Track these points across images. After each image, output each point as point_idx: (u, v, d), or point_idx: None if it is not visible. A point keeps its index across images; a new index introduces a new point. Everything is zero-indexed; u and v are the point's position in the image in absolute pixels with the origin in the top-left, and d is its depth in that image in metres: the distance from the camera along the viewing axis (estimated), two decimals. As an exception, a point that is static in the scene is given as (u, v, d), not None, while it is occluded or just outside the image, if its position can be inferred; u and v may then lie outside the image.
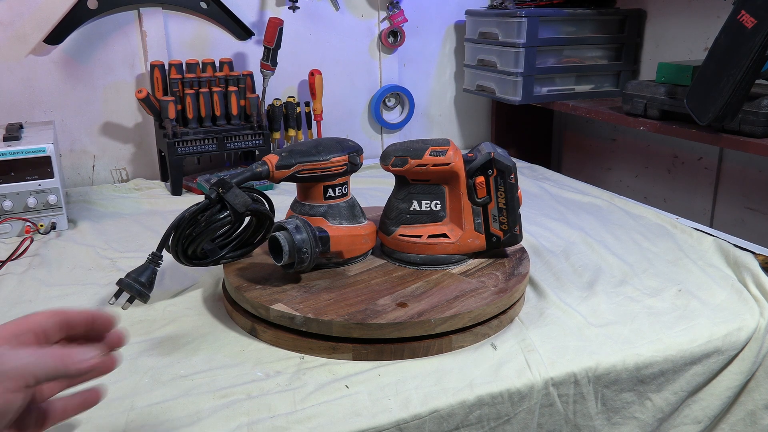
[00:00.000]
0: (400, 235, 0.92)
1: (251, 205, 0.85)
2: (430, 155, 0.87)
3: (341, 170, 0.89)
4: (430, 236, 0.91)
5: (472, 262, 0.94)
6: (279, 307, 0.80)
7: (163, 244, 0.85)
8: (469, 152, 0.94)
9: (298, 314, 0.78)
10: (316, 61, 1.71)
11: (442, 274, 0.90)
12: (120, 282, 0.85)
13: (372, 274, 0.90)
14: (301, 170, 0.87)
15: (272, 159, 0.87)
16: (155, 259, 0.87)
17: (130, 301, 0.85)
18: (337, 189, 0.91)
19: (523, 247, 1.00)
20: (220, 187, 0.83)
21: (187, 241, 0.84)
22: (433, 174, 0.89)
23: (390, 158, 0.89)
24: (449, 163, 0.88)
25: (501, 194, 0.91)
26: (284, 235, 0.82)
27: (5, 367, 0.51)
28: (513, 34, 1.62)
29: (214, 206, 0.84)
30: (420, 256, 0.92)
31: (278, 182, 0.88)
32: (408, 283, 0.87)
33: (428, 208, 0.91)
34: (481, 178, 0.89)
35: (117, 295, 0.85)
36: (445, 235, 0.91)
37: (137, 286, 0.85)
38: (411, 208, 0.91)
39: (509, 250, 0.98)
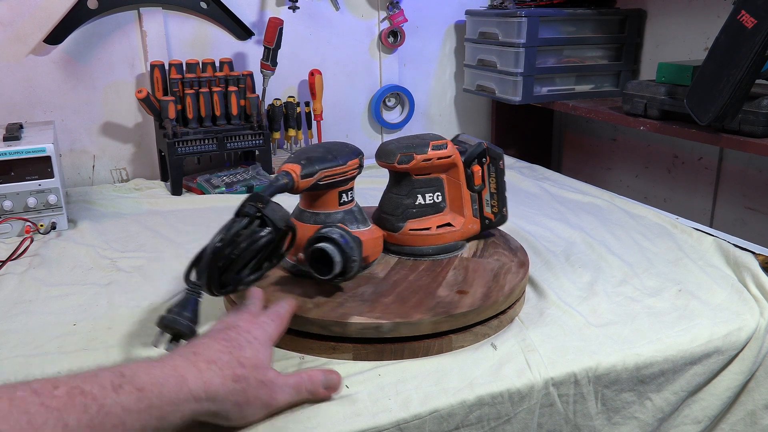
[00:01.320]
0: (410, 229, 0.93)
1: (289, 220, 0.78)
2: (433, 150, 0.91)
3: (354, 174, 0.89)
4: (438, 227, 0.94)
5: (471, 246, 0.98)
6: (356, 320, 0.77)
7: (203, 272, 0.71)
8: None
9: (385, 321, 0.76)
10: (316, 61, 1.72)
11: (458, 260, 0.93)
12: (162, 320, 0.71)
13: (400, 272, 0.90)
14: (323, 177, 0.84)
15: (294, 168, 0.80)
16: (195, 288, 0.73)
17: (176, 339, 0.72)
18: (348, 194, 0.89)
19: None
20: (259, 202, 0.74)
21: (227, 264, 0.73)
22: (436, 167, 0.92)
23: (395, 155, 0.90)
24: (450, 156, 0.92)
25: (493, 180, 0.97)
26: (332, 246, 0.78)
27: (276, 401, 0.65)
28: (513, 34, 1.62)
29: (252, 223, 0.74)
30: (432, 246, 0.94)
31: (300, 192, 0.83)
32: (442, 273, 0.89)
33: (432, 201, 0.94)
34: (477, 167, 0.94)
35: (163, 339, 0.72)
36: (450, 224, 0.95)
37: (183, 321, 0.71)
38: (416, 203, 0.94)
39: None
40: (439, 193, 0.94)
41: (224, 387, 0.59)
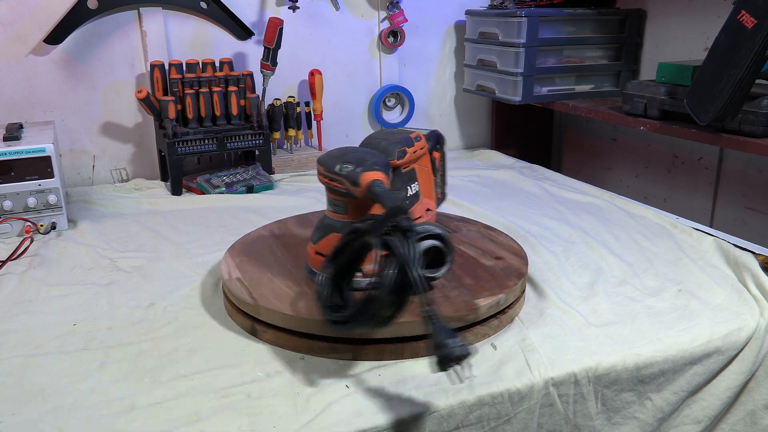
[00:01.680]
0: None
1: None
2: (416, 141, 0.96)
3: None
4: (425, 212, 0.99)
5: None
6: (482, 302, 0.82)
7: (423, 288, 0.64)
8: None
9: (500, 295, 0.83)
10: (316, 61, 1.71)
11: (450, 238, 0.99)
12: (449, 355, 0.63)
13: None
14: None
15: (381, 176, 0.78)
16: (432, 306, 0.65)
17: (459, 362, 0.64)
18: None
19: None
20: (406, 213, 0.68)
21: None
22: (417, 159, 0.97)
23: (394, 152, 0.91)
24: (425, 146, 0.98)
25: (440, 163, 1.04)
26: (439, 242, 0.76)
27: None
28: (513, 34, 1.62)
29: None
30: None
31: None
32: (456, 251, 0.94)
33: (415, 191, 0.97)
34: (437, 153, 1.02)
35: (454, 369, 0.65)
36: (429, 209, 1.00)
37: (460, 344, 0.63)
38: (408, 195, 0.97)
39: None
40: (416, 182, 0.98)
41: None
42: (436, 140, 1.01)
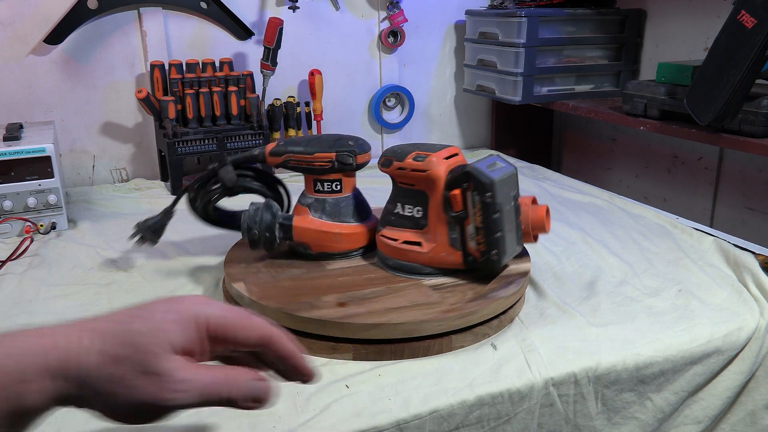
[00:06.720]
0: (381, 235, 0.91)
1: (238, 182, 0.98)
2: (412, 159, 0.85)
3: (327, 166, 0.92)
4: (404, 242, 0.88)
5: (449, 279, 0.89)
6: (239, 286, 0.87)
7: (175, 202, 1.02)
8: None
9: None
10: (316, 61, 1.71)
11: (411, 284, 0.87)
12: (137, 226, 1.02)
13: (346, 271, 0.91)
14: (290, 159, 0.94)
15: (270, 146, 0.96)
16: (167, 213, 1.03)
17: (140, 242, 1.02)
18: (326, 184, 0.94)
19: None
20: (217, 163, 0.98)
21: (196, 198, 1.00)
22: (413, 179, 0.86)
23: (381, 158, 0.90)
24: (426, 170, 0.84)
25: (478, 212, 0.83)
26: (245, 214, 0.93)
27: (164, 402, 0.45)
28: (513, 34, 1.62)
29: (211, 179, 0.99)
30: (394, 260, 0.90)
31: (274, 167, 0.97)
32: (369, 286, 0.86)
33: (410, 214, 0.88)
34: (456, 191, 0.83)
35: (133, 236, 1.02)
36: (419, 244, 0.87)
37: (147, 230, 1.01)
38: (395, 211, 0.89)
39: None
40: (420, 209, 0.87)
41: (96, 369, 0.45)
42: (460, 178, 0.84)
